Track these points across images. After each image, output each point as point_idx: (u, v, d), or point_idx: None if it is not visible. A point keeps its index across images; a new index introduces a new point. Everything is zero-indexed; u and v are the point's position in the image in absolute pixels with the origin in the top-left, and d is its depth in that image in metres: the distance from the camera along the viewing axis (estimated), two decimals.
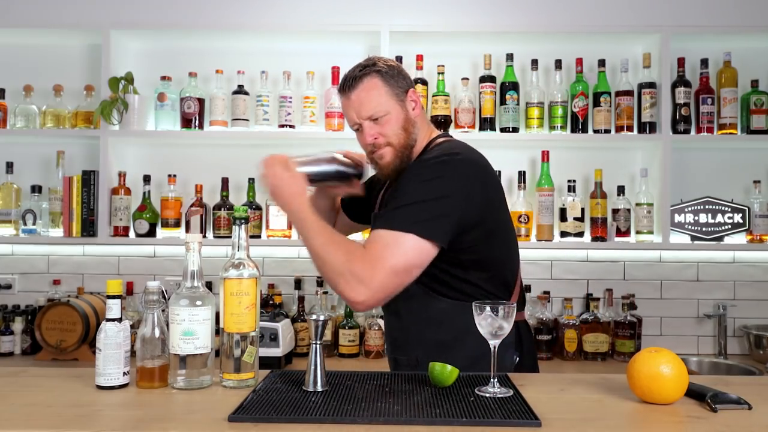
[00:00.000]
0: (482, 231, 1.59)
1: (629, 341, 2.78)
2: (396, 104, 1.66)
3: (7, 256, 3.02)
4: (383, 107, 1.64)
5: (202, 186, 2.90)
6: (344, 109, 1.71)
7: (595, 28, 2.89)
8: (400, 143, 1.66)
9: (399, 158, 1.67)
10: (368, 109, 1.64)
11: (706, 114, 2.83)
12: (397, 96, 1.66)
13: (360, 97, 1.65)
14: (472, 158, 1.63)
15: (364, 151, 1.74)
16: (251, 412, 1.19)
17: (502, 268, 1.67)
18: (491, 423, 1.15)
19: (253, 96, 2.90)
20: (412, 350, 1.68)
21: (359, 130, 1.69)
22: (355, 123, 1.69)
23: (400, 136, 1.66)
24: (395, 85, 1.67)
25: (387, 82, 1.66)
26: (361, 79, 1.65)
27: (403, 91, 1.68)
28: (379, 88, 1.65)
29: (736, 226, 2.85)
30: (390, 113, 1.65)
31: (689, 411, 1.24)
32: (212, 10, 3.02)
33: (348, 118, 1.71)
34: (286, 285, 2.95)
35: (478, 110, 2.88)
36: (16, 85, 2.93)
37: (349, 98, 1.67)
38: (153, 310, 1.42)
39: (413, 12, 3.01)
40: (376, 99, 1.64)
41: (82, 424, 1.16)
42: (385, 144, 1.65)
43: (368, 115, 1.65)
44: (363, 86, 1.65)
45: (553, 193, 2.85)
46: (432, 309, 1.64)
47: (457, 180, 1.55)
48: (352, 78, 1.66)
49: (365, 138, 1.66)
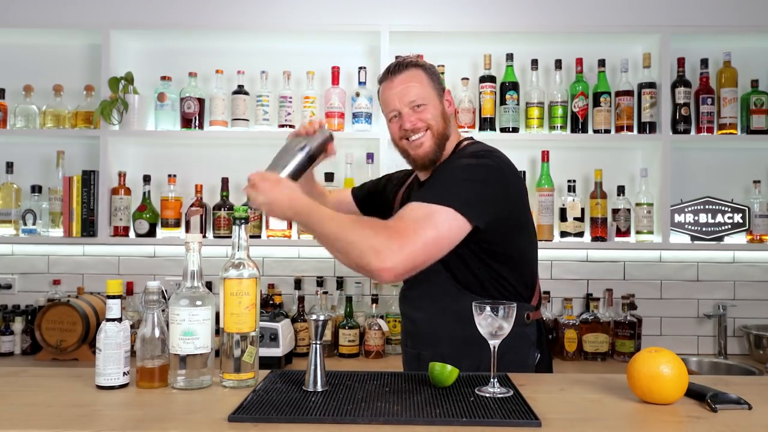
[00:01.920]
0: (514, 225, 1.64)
1: (629, 341, 2.78)
2: (436, 97, 1.72)
3: (7, 256, 3.02)
4: (426, 96, 1.69)
5: (202, 186, 2.90)
6: (384, 96, 1.74)
7: (595, 28, 2.89)
8: (439, 130, 1.70)
9: (437, 146, 1.70)
10: (412, 94, 1.68)
11: (706, 114, 2.83)
12: (437, 91, 1.73)
13: (404, 83, 1.69)
14: (505, 157, 1.69)
15: (394, 143, 1.75)
16: (251, 412, 1.19)
17: (529, 266, 1.73)
18: (491, 423, 1.15)
19: (253, 96, 2.90)
20: (439, 345, 1.67)
21: (397, 116, 1.71)
22: (394, 109, 1.71)
23: (439, 123, 1.70)
24: (436, 81, 1.74)
25: (430, 77, 1.72)
26: (407, 68, 1.71)
27: (442, 90, 1.75)
28: (423, 79, 1.71)
29: (736, 226, 2.85)
30: (430, 104, 1.70)
31: (689, 411, 1.24)
32: (212, 10, 3.02)
33: (387, 105, 1.73)
34: (286, 285, 2.95)
35: (478, 110, 2.88)
36: (16, 85, 2.93)
37: (392, 82, 1.71)
38: (153, 310, 1.42)
39: (413, 12, 3.01)
40: (419, 87, 1.69)
41: (82, 424, 1.16)
42: (425, 128, 1.69)
43: (411, 100, 1.68)
44: (408, 74, 1.70)
45: (553, 193, 2.85)
46: (463, 306, 1.63)
47: (495, 170, 1.60)
48: (396, 65, 1.71)
49: (404, 123, 1.69)
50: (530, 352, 1.71)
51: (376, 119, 2.85)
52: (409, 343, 1.81)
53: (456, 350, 1.60)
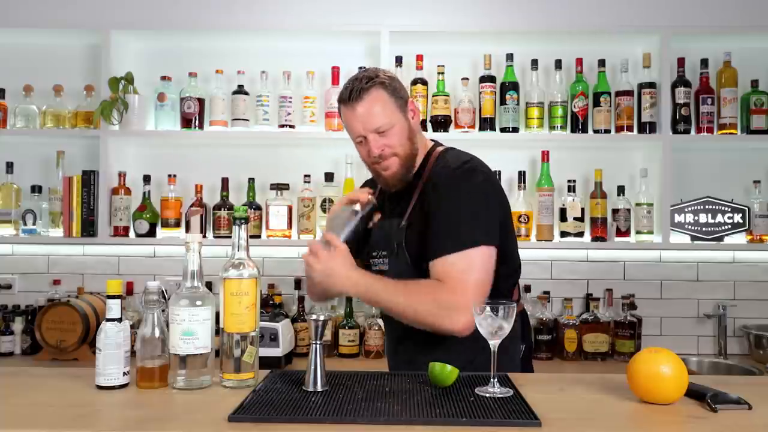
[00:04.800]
0: (504, 224, 1.68)
1: (629, 341, 2.78)
2: (400, 116, 1.69)
3: (7, 256, 3.02)
4: (390, 120, 1.66)
5: (202, 186, 2.90)
6: (347, 121, 1.70)
7: (595, 28, 2.89)
8: (406, 153, 1.69)
9: (404, 168, 1.70)
10: (375, 121, 1.65)
11: (706, 114, 2.83)
12: (400, 108, 1.69)
13: (367, 109, 1.65)
14: (479, 160, 1.72)
15: (365, 162, 1.75)
16: (251, 412, 1.19)
17: (515, 263, 1.75)
18: (491, 423, 1.15)
19: (253, 96, 2.90)
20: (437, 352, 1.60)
21: (362, 142, 1.69)
22: (359, 135, 1.68)
23: (405, 146, 1.69)
24: (398, 96, 1.69)
25: (391, 94, 1.67)
26: (368, 91, 1.65)
27: (404, 102, 1.71)
28: (385, 101, 1.66)
29: (736, 226, 2.85)
30: (395, 125, 1.67)
31: (689, 411, 1.24)
32: (212, 10, 3.02)
33: (351, 130, 1.70)
34: (286, 285, 2.95)
35: (478, 110, 2.87)
36: (16, 85, 2.93)
37: (354, 110, 1.66)
38: (153, 310, 1.42)
39: (413, 12, 3.01)
40: (382, 112, 1.65)
41: (82, 424, 1.16)
42: (391, 155, 1.68)
43: (375, 127, 1.65)
44: (369, 98, 1.65)
45: (553, 193, 2.85)
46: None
47: (487, 183, 1.66)
48: (357, 90, 1.65)
49: (371, 150, 1.67)
50: (517, 346, 1.75)
51: None
52: (400, 349, 1.78)
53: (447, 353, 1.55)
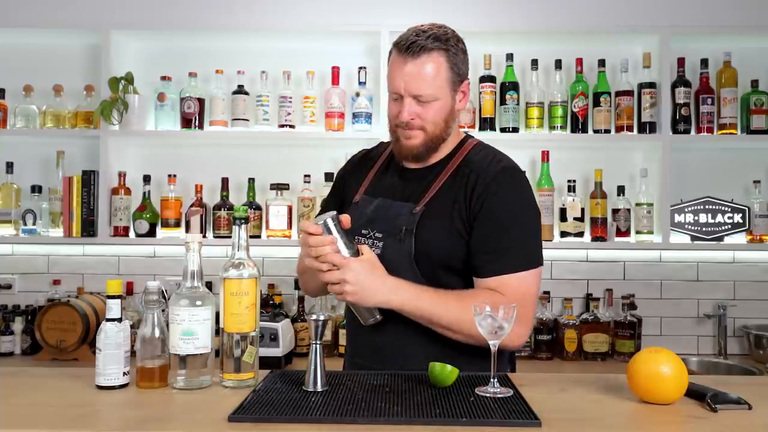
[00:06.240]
0: None
1: (629, 341, 2.78)
2: (448, 92, 1.56)
3: (7, 256, 3.02)
4: (435, 92, 1.53)
5: (202, 186, 2.90)
6: (392, 71, 1.56)
7: (595, 28, 2.90)
8: (435, 133, 1.57)
9: (426, 146, 1.58)
10: (420, 87, 1.52)
11: (706, 114, 2.83)
12: (453, 84, 1.56)
13: (417, 71, 1.51)
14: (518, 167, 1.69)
15: (389, 119, 1.62)
16: (251, 412, 1.19)
17: None
18: (491, 423, 1.15)
19: (253, 96, 2.90)
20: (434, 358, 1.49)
21: (397, 100, 1.56)
22: (397, 91, 1.55)
23: (438, 126, 1.57)
24: (456, 71, 1.56)
25: (451, 66, 1.55)
26: (429, 53, 1.51)
27: (460, 81, 1.58)
28: (441, 70, 1.53)
29: (736, 226, 2.85)
30: (438, 100, 1.55)
31: (689, 411, 1.24)
32: (212, 10, 3.02)
33: (392, 82, 1.56)
34: (286, 285, 2.95)
35: (478, 110, 2.87)
36: (16, 85, 2.93)
37: (404, 64, 1.52)
38: (153, 310, 1.41)
39: (413, 12, 3.00)
40: (432, 81, 1.52)
41: (82, 424, 1.16)
42: (419, 127, 1.56)
43: (416, 93, 1.53)
44: (425, 61, 1.51)
45: (553, 193, 2.85)
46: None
47: (535, 202, 1.65)
48: (418, 46, 1.51)
49: (402, 113, 1.54)
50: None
51: (377, 119, 2.85)
52: (377, 366, 1.58)
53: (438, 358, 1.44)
